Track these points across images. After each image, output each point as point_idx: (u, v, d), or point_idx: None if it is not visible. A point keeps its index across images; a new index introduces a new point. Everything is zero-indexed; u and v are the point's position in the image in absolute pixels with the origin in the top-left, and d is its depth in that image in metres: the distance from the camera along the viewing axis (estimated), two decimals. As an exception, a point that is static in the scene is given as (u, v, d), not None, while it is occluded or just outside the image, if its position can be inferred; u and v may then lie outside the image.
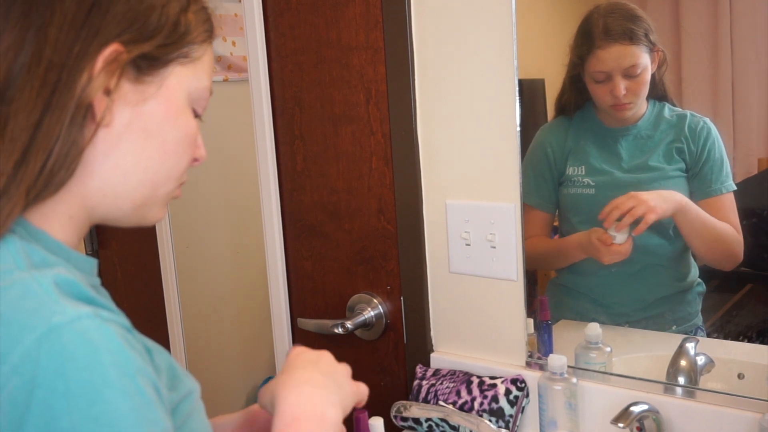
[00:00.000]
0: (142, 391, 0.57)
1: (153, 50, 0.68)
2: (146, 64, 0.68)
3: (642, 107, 1.29)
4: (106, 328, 0.56)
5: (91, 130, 0.65)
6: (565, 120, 1.36)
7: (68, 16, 0.63)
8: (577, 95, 1.32)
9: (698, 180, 1.26)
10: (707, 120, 1.24)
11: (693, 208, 1.25)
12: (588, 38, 1.27)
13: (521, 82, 1.29)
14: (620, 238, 1.28)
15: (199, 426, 0.70)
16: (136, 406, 0.56)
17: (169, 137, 0.71)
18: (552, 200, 1.38)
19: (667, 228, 1.29)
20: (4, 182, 0.60)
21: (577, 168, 1.33)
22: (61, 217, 0.67)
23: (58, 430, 0.52)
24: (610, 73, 1.25)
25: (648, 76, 1.25)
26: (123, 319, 0.61)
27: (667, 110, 1.27)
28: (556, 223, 1.41)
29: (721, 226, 1.25)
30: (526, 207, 1.36)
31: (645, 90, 1.26)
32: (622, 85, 1.25)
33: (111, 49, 0.65)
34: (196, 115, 0.75)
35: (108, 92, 0.65)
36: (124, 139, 0.67)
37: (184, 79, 0.71)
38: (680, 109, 1.26)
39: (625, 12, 1.25)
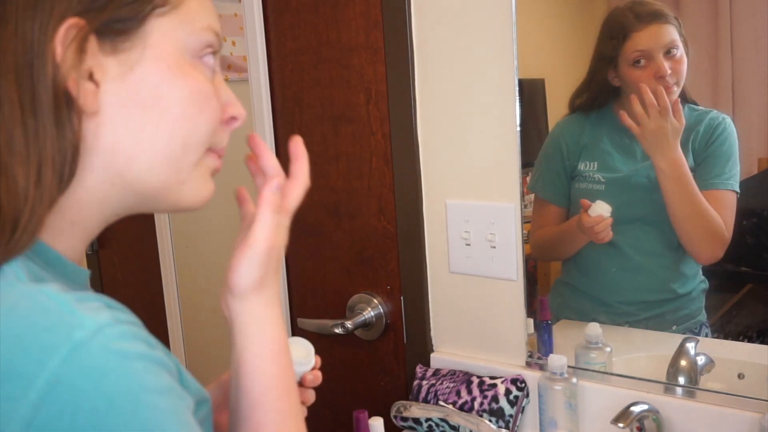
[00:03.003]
0: (171, 384, 0.55)
1: (119, 12, 0.59)
2: (117, 29, 0.60)
3: None
4: (127, 333, 0.53)
5: (77, 122, 0.58)
6: (581, 116, 1.35)
7: (20, 1, 0.57)
8: (599, 93, 1.31)
9: (700, 170, 1.25)
10: (728, 118, 1.23)
11: (688, 176, 1.24)
12: (620, 28, 1.25)
13: (521, 82, 1.28)
14: (597, 207, 1.28)
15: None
16: (173, 401, 0.54)
17: (171, 101, 0.62)
18: (565, 194, 1.38)
19: (670, 234, 1.29)
20: (30, 207, 0.56)
21: (589, 164, 1.33)
22: (62, 224, 0.62)
23: None
24: (650, 53, 1.23)
25: (686, 60, 1.23)
26: (134, 317, 0.57)
27: (687, 110, 1.26)
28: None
29: (709, 207, 1.23)
30: (540, 200, 1.36)
31: (684, 72, 1.24)
32: (666, 65, 1.23)
33: (66, 26, 0.57)
34: (214, 52, 0.67)
35: (90, 76, 0.59)
36: (117, 120, 0.60)
37: (169, 31, 0.62)
38: (702, 108, 1.25)
39: (650, 2, 1.25)
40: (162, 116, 0.62)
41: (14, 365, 0.50)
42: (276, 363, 0.72)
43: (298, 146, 0.77)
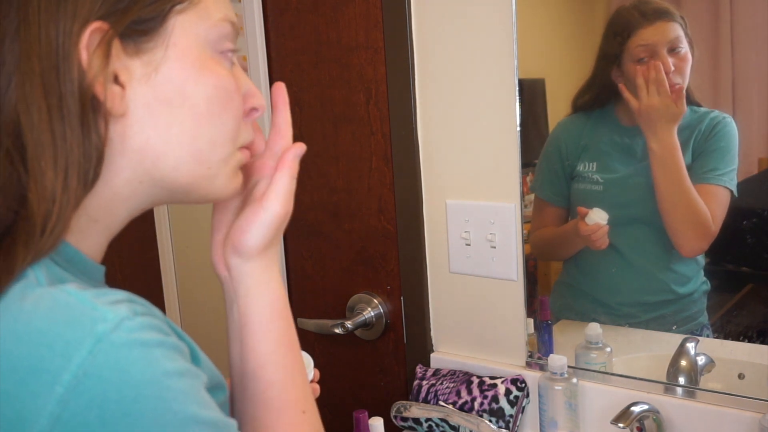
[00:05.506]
0: (186, 366, 0.56)
1: (142, 12, 0.59)
2: (140, 29, 0.60)
3: None
4: (145, 324, 0.54)
5: (103, 126, 0.59)
6: (582, 117, 1.35)
7: (42, 4, 0.57)
8: (600, 92, 1.31)
9: (696, 164, 1.24)
10: (728, 117, 1.22)
11: (679, 162, 1.24)
12: (626, 25, 1.24)
13: (521, 82, 1.28)
14: (594, 215, 1.29)
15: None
16: (190, 382, 0.56)
17: (197, 98, 0.63)
18: (564, 195, 1.37)
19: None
20: (57, 209, 0.57)
21: (588, 164, 1.33)
22: (84, 223, 0.62)
23: (141, 431, 0.51)
24: (654, 49, 1.23)
25: (690, 58, 1.23)
26: (151, 307, 0.58)
27: (689, 111, 1.25)
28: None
29: (697, 198, 1.23)
30: (539, 200, 1.36)
31: (688, 71, 1.24)
32: (670, 61, 1.22)
33: (90, 31, 0.57)
34: (232, 50, 0.67)
35: (115, 79, 0.59)
36: (145, 120, 0.61)
37: (190, 28, 0.62)
38: (704, 109, 1.24)
39: (655, 0, 1.24)
40: (188, 114, 0.62)
41: (39, 361, 0.51)
42: (281, 320, 0.74)
43: (280, 93, 0.76)
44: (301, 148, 0.73)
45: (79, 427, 0.50)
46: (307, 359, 0.85)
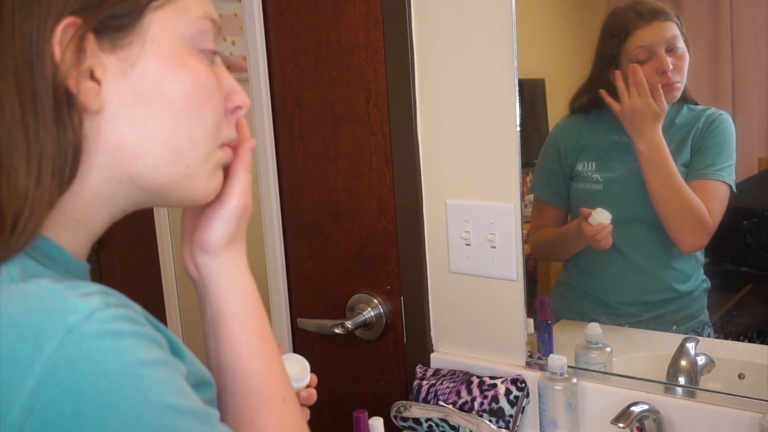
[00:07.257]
0: (162, 356, 0.56)
1: (116, 8, 0.59)
2: (115, 25, 0.59)
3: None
4: (118, 315, 0.54)
5: (78, 122, 0.58)
6: (580, 117, 1.35)
7: (15, 3, 0.57)
8: (599, 94, 1.31)
9: (693, 161, 1.25)
10: (725, 113, 1.22)
11: (667, 159, 1.25)
12: (622, 26, 1.25)
13: (521, 82, 1.28)
14: (597, 215, 1.29)
15: None
16: (167, 371, 0.55)
17: (175, 94, 0.62)
18: (563, 195, 1.38)
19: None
20: (30, 206, 0.57)
21: (587, 164, 1.34)
22: (66, 223, 0.62)
23: (117, 422, 0.51)
24: (653, 48, 1.23)
25: (688, 56, 1.24)
26: (125, 299, 0.58)
27: (686, 109, 1.26)
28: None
29: (690, 193, 1.24)
30: (539, 201, 1.36)
31: (686, 69, 1.25)
32: (669, 60, 1.24)
33: (63, 26, 0.57)
34: (215, 52, 0.66)
35: (91, 75, 0.59)
36: (121, 117, 0.60)
37: (167, 24, 0.62)
38: (701, 107, 1.25)
39: (651, 0, 1.25)
40: (166, 111, 0.62)
41: (11, 353, 0.51)
42: (252, 312, 0.74)
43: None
44: (253, 142, 0.74)
45: (53, 418, 0.50)
46: (303, 363, 0.84)
